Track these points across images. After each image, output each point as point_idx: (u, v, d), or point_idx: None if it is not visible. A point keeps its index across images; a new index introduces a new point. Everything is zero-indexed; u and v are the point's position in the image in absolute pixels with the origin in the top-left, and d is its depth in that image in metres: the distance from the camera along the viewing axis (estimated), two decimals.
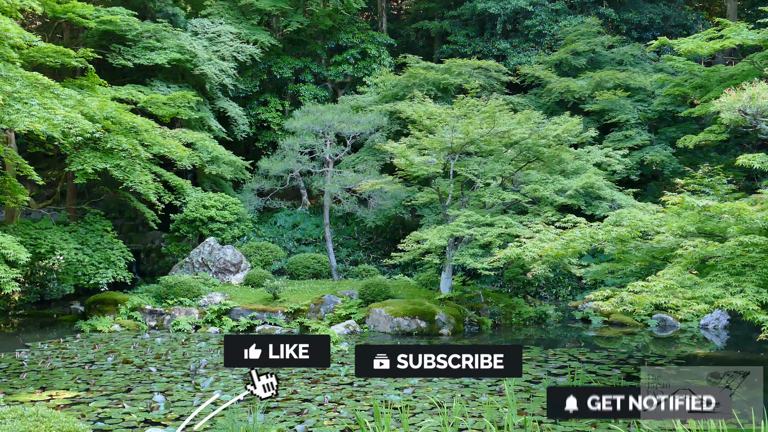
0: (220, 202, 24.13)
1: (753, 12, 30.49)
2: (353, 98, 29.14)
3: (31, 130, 14.17)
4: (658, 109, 26.55)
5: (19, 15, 19.88)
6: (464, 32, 34.46)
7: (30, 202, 21.85)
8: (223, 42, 28.48)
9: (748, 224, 10.27)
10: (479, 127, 18.26)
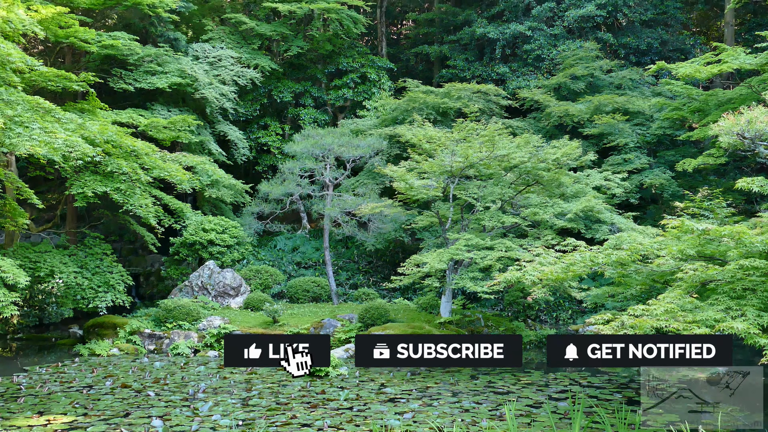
0: (219, 225, 24.14)
1: (750, 37, 30.68)
2: (353, 122, 29.25)
3: (32, 153, 14.20)
4: (656, 132, 26.63)
5: (21, 40, 20.00)
6: (463, 57, 34.67)
7: (30, 226, 21.84)
8: (224, 66, 28.64)
9: (748, 248, 10.27)
10: (479, 151, 18.31)
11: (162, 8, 25.63)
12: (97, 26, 25.92)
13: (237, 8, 34.57)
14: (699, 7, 39.33)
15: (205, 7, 33.36)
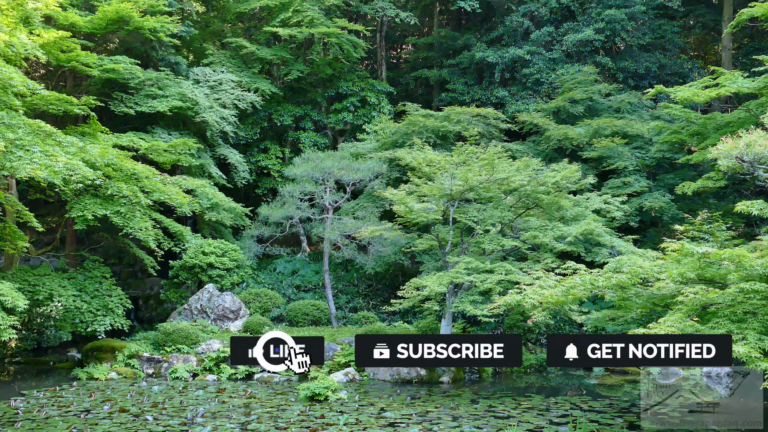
0: (219, 248, 24.12)
1: (747, 61, 30.87)
2: (353, 145, 29.33)
3: (33, 176, 14.25)
4: (655, 156, 26.72)
5: (23, 63, 20.15)
6: (463, 80, 34.86)
7: (29, 249, 21.83)
8: (225, 90, 28.79)
9: (749, 271, 10.26)
10: (478, 174, 18.35)
11: (163, 33, 25.82)
12: (98, 50, 26.07)
13: (238, 33, 34.82)
14: (696, 32, 39.61)
15: (206, 31, 33.60)
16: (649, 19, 34.27)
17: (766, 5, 21.10)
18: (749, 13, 21.71)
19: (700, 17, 38.02)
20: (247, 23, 35.38)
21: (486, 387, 17.66)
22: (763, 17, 21.83)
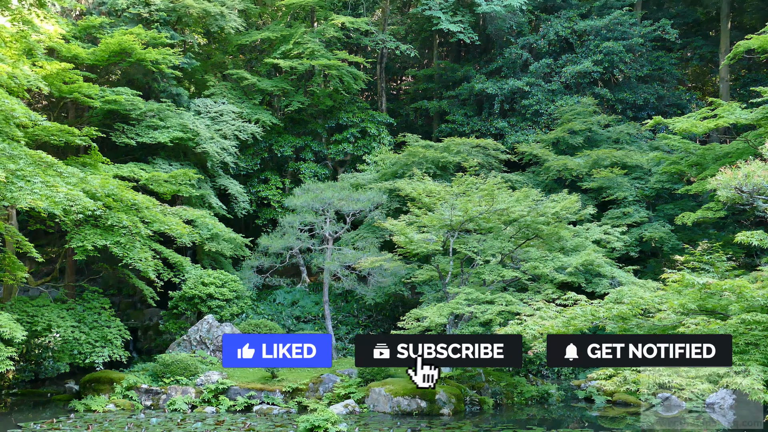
0: (219, 279, 24.06)
1: (745, 92, 31.07)
2: (353, 176, 29.41)
3: (33, 207, 14.26)
4: (655, 186, 26.77)
5: (26, 95, 20.30)
6: (462, 111, 35.05)
7: (28, 279, 21.78)
8: (225, 121, 28.93)
9: (750, 302, 10.23)
10: (478, 205, 18.37)
11: (165, 64, 26.03)
12: (100, 82, 26.27)
13: (239, 64, 35.09)
14: (694, 63, 39.92)
15: (207, 63, 33.87)
16: (647, 51, 34.55)
17: (762, 38, 21.30)
18: (746, 45, 21.91)
19: (697, 49, 38.36)
20: (248, 55, 35.68)
21: (487, 419, 17.50)
22: (759, 49, 22.03)
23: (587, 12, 35.62)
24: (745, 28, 35.31)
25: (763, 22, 25.42)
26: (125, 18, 27.96)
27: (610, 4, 35.40)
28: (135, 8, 27.95)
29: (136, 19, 28.01)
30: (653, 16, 36.66)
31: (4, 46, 18.80)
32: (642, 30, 33.90)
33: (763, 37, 21.28)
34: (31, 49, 20.85)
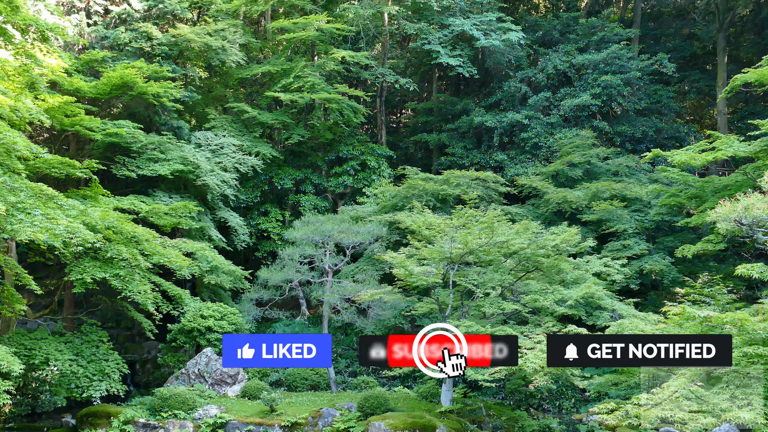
0: (218, 311, 23.96)
1: (743, 125, 31.26)
2: (353, 209, 29.44)
3: (33, 239, 14.26)
4: (655, 219, 26.79)
5: (27, 128, 20.40)
6: (462, 144, 35.22)
7: (27, 312, 21.66)
8: (226, 154, 29.03)
9: (751, 335, 10.19)
10: (478, 238, 18.37)
11: (166, 98, 26.20)
12: (102, 115, 26.43)
13: (240, 98, 35.32)
14: (691, 96, 40.23)
15: (208, 96, 34.10)
16: (645, 85, 34.83)
17: (759, 71, 21.48)
18: (743, 79, 22.09)
19: (694, 83, 38.70)
20: (249, 88, 35.93)
21: None
22: (756, 82, 22.21)
23: (585, 46, 35.96)
24: (741, 61, 35.68)
25: (760, 55, 25.70)
26: (127, 52, 28.22)
27: (607, 38, 35.75)
28: (137, 42, 28.22)
29: (138, 53, 28.27)
30: (650, 50, 37.05)
31: (7, 80, 18.95)
32: (639, 64, 34.21)
33: (760, 71, 21.46)
34: (34, 83, 21.00)
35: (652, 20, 42.25)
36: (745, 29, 39.14)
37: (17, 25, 17.87)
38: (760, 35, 36.69)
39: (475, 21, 33.85)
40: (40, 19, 18.50)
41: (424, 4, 34.06)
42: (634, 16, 39.82)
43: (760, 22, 36.45)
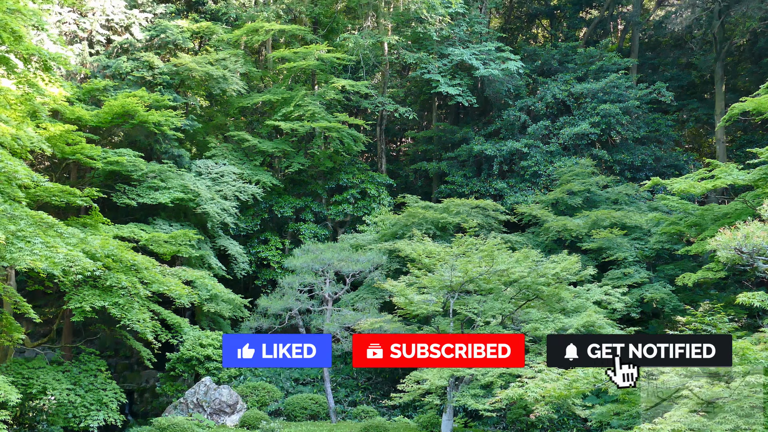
0: (217, 340, 23.84)
1: (741, 153, 31.38)
2: (353, 237, 29.43)
3: (33, 268, 14.24)
4: (655, 247, 26.76)
5: (29, 156, 20.47)
6: (462, 173, 35.32)
7: (25, 341, 21.59)
8: (226, 182, 29.09)
9: (753, 364, 10.13)
10: (478, 266, 18.33)
11: (167, 126, 26.31)
12: (103, 143, 26.53)
13: (240, 126, 35.48)
14: (690, 125, 40.46)
15: (209, 125, 34.26)
16: (643, 113, 35.02)
17: (757, 100, 21.60)
18: (741, 108, 22.20)
19: (693, 111, 38.94)
20: (249, 117, 36.11)
21: None
22: (755, 111, 22.32)
23: (584, 75, 36.23)
24: (739, 90, 35.93)
25: (757, 84, 25.88)
26: (129, 81, 28.41)
27: (605, 67, 36.02)
28: (139, 71, 28.42)
29: (140, 82, 28.46)
30: (648, 79, 37.32)
31: (9, 108, 19.05)
32: (638, 93, 34.42)
33: (758, 100, 21.58)
34: (36, 111, 21.10)
35: (650, 50, 42.62)
36: (743, 58, 39.48)
37: (20, 55, 18.00)
38: (757, 64, 36.97)
39: (474, 50, 34.13)
40: (42, 49, 18.63)
41: (424, 34, 34.36)
42: (632, 46, 40.20)
43: (757, 51, 36.76)
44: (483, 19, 37.59)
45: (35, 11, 18.30)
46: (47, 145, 19.21)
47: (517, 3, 44.18)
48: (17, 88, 19.32)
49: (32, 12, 17.97)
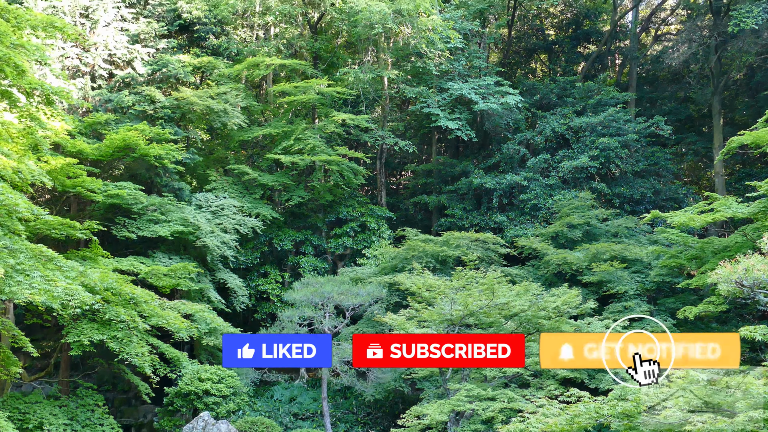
0: (216, 374, 23.65)
1: (740, 186, 31.48)
2: (353, 270, 29.38)
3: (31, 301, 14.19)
4: (655, 280, 26.69)
5: (29, 189, 20.51)
6: (461, 206, 35.37)
7: (22, 375, 21.43)
8: (226, 215, 29.12)
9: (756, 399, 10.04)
10: (478, 299, 18.29)
11: (168, 160, 26.41)
12: (104, 176, 26.61)
13: (240, 159, 35.63)
14: (689, 158, 40.63)
15: (210, 158, 34.41)
16: (642, 147, 35.19)
17: (754, 133, 21.71)
18: (739, 141, 22.31)
19: (691, 145, 39.12)
20: (250, 150, 36.28)
21: None
22: (753, 144, 22.42)
23: (582, 109, 36.47)
24: (737, 124, 36.18)
25: (755, 118, 26.04)
26: (130, 114, 28.58)
27: (604, 101, 36.28)
28: (140, 105, 28.61)
29: (141, 116, 28.63)
30: (647, 113, 37.57)
31: (11, 142, 19.13)
32: (636, 126, 34.62)
33: (756, 133, 21.69)
34: (37, 145, 21.20)
35: (648, 84, 42.98)
36: (740, 92, 39.80)
37: (23, 89, 18.12)
38: (754, 98, 37.26)
39: (473, 85, 34.40)
40: (45, 83, 18.77)
41: (423, 69, 34.65)
42: (630, 80, 40.54)
43: (754, 85, 37.07)
44: (482, 54, 37.94)
45: (39, 46, 18.46)
46: (48, 178, 19.26)
47: (516, 38, 44.63)
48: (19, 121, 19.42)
49: (36, 47, 18.13)
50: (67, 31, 19.60)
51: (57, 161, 22.09)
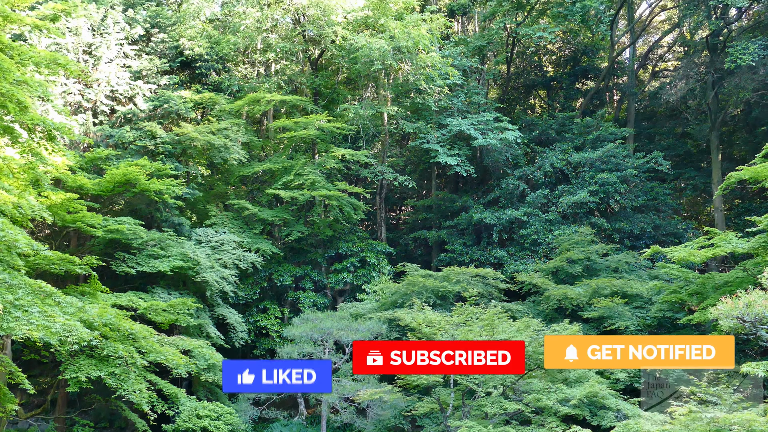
0: (214, 411, 23.42)
1: (740, 221, 31.49)
2: (352, 305, 29.26)
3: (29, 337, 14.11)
4: (656, 315, 26.59)
5: (29, 224, 20.52)
6: (461, 241, 35.34)
7: (18, 412, 21.21)
8: (226, 250, 29.07)
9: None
10: (479, 335, 18.19)
11: (168, 195, 26.45)
12: (104, 211, 26.64)
13: (240, 195, 35.70)
14: (688, 193, 40.72)
15: (210, 193, 34.47)
16: (641, 182, 35.29)
17: (753, 169, 21.80)
18: (737, 176, 22.39)
19: (690, 180, 39.25)
20: (250, 185, 36.37)
21: None
22: (751, 180, 22.50)
23: (581, 145, 36.64)
24: (735, 159, 36.35)
25: (753, 153, 26.15)
26: (132, 150, 28.70)
27: (602, 137, 36.46)
28: (141, 141, 28.76)
29: (142, 151, 28.76)
30: (645, 149, 37.74)
31: (11, 177, 19.19)
32: (635, 162, 34.76)
33: (754, 168, 21.78)
34: (38, 180, 21.26)
35: (646, 119, 43.27)
36: (738, 128, 40.03)
37: (25, 125, 18.22)
38: (752, 133, 37.47)
39: (472, 121, 34.61)
40: (47, 119, 18.85)
41: (423, 105, 34.88)
42: (628, 116, 40.81)
43: (751, 121, 37.30)
44: (481, 90, 38.25)
45: (41, 83, 18.59)
46: (48, 213, 19.27)
47: (515, 74, 45.04)
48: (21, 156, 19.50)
49: (38, 83, 18.25)
50: (70, 68, 19.74)
51: (57, 196, 22.13)
